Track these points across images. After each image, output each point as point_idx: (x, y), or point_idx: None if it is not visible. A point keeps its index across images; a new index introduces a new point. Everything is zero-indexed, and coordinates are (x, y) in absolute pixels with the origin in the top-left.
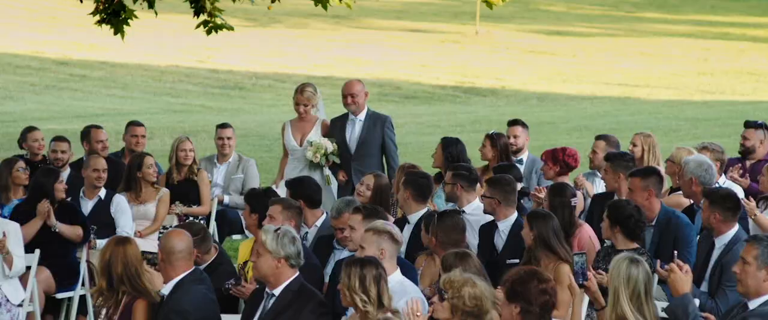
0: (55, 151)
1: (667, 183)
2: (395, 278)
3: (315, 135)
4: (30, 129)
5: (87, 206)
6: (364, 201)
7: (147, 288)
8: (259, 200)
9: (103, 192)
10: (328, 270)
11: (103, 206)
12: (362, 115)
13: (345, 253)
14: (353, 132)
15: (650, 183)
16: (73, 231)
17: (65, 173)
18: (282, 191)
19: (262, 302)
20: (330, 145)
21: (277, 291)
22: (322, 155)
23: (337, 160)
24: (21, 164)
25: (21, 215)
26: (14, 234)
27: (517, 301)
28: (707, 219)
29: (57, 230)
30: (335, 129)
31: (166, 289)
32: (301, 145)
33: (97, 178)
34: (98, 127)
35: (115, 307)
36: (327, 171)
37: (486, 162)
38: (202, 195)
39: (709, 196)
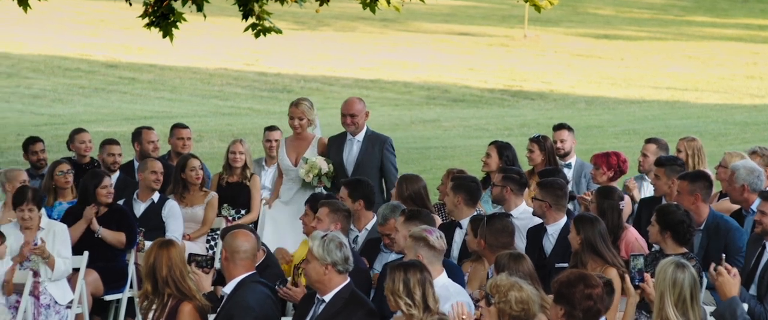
0: (111, 154)
1: (716, 188)
2: (439, 282)
3: (311, 154)
4: (77, 131)
5: (139, 208)
6: None
7: (192, 290)
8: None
9: (156, 196)
10: (372, 272)
11: (155, 209)
12: (361, 136)
13: (392, 256)
14: (351, 153)
15: (698, 187)
16: (115, 238)
17: (115, 176)
18: (275, 211)
19: (313, 307)
20: (325, 166)
21: (327, 298)
22: (315, 175)
23: (328, 185)
24: (62, 167)
25: (71, 217)
26: (61, 235)
27: (562, 303)
28: None
29: (99, 235)
30: (332, 149)
31: (228, 288)
32: (296, 165)
33: (155, 181)
34: (149, 128)
35: (161, 310)
36: (318, 191)
37: (532, 166)
38: (253, 201)
39: None
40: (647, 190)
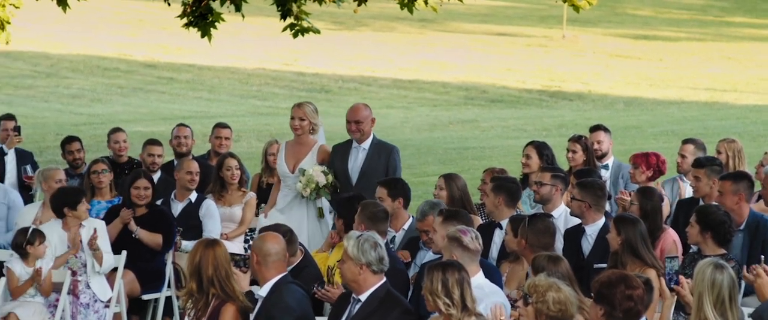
0: (151, 154)
1: (756, 187)
2: (475, 282)
3: (309, 162)
4: (114, 130)
5: (177, 208)
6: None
7: (236, 291)
8: (346, 206)
9: (193, 196)
10: (411, 271)
11: (192, 209)
12: (367, 144)
13: (430, 255)
14: (356, 161)
15: (741, 187)
16: (151, 239)
17: (156, 176)
18: (271, 220)
19: (349, 307)
20: (322, 179)
21: (363, 297)
22: (312, 190)
23: (328, 198)
24: (97, 167)
25: (112, 216)
26: (101, 231)
27: (602, 304)
28: None
29: (136, 236)
30: (336, 156)
31: (263, 291)
32: (293, 172)
33: (190, 181)
34: (181, 125)
35: (204, 310)
36: (320, 203)
37: (571, 166)
38: None
39: None
40: (687, 191)
